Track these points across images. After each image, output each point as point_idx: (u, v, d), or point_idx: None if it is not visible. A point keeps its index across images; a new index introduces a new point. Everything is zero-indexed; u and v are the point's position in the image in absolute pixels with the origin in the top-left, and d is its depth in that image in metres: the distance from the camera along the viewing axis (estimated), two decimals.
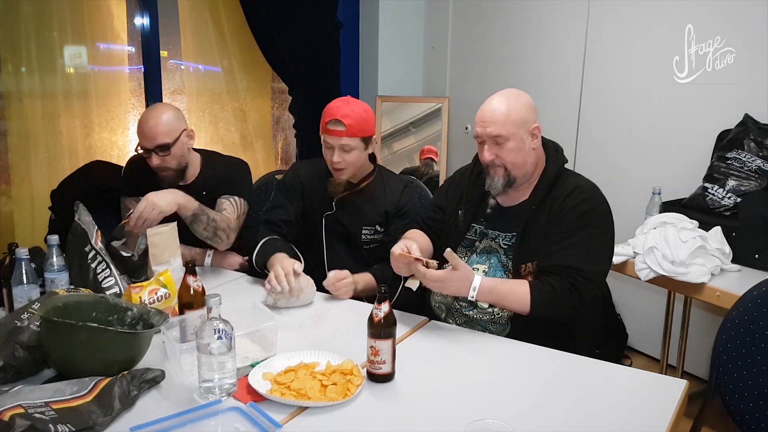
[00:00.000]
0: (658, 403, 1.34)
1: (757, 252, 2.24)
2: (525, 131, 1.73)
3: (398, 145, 4.09)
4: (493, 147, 1.74)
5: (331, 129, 2.01)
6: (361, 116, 2.02)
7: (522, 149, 1.73)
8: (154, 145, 2.10)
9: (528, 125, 1.73)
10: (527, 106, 1.75)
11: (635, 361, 3.14)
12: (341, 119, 1.99)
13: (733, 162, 2.46)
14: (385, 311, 1.38)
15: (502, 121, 1.71)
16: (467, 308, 1.80)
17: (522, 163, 1.75)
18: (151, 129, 2.09)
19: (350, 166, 2.06)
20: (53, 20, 3.10)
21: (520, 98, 1.76)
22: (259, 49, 3.68)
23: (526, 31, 3.56)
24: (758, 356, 1.55)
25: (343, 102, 2.05)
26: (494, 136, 1.72)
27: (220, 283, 2.07)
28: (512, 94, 1.77)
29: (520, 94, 1.78)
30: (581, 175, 1.84)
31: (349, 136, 2.00)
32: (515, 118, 1.71)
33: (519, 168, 1.75)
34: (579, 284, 1.64)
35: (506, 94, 1.77)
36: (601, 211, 1.74)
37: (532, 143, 1.75)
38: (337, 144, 2.01)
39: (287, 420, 1.26)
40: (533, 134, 1.75)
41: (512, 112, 1.72)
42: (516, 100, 1.75)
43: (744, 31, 2.64)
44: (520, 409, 1.32)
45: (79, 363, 1.34)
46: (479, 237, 1.85)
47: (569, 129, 3.36)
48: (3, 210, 3.10)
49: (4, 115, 3.02)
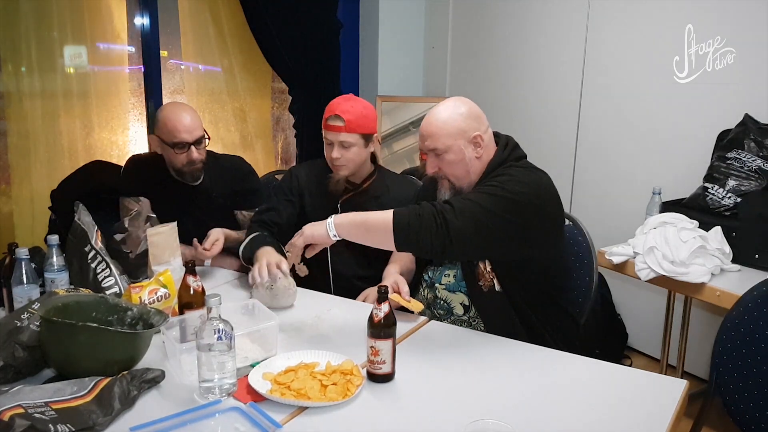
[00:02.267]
0: (658, 403, 1.34)
1: (757, 252, 2.24)
2: (464, 141, 1.68)
3: (398, 145, 4.09)
4: (433, 159, 1.72)
5: (330, 125, 2.02)
6: (360, 112, 2.03)
7: (462, 160, 1.69)
8: (195, 138, 2.15)
9: (468, 134, 1.68)
10: (466, 115, 1.70)
11: (635, 361, 3.14)
12: (340, 114, 2.00)
13: (733, 162, 2.47)
14: (385, 311, 1.38)
15: (438, 134, 1.68)
16: (444, 316, 1.80)
17: (464, 174, 1.72)
18: (190, 122, 2.14)
19: (349, 163, 2.06)
20: (53, 20, 3.10)
21: (457, 108, 1.71)
22: (259, 49, 3.68)
23: (526, 31, 3.56)
24: (758, 356, 1.55)
25: (343, 99, 2.06)
26: (431, 149, 1.70)
27: (220, 283, 2.07)
28: (452, 103, 1.73)
29: (460, 104, 1.72)
30: (532, 166, 1.73)
31: (348, 131, 2.00)
32: (451, 129, 1.68)
33: (462, 179, 1.72)
34: (447, 214, 1.54)
35: (446, 103, 1.73)
36: (513, 182, 1.60)
37: (474, 152, 1.70)
38: (336, 140, 2.02)
39: (287, 420, 1.26)
40: (475, 143, 1.70)
41: (448, 124, 1.68)
42: (452, 110, 1.70)
43: (744, 31, 2.64)
44: (520, 409, 1.32)
45: (79, 363, 1.34)
46: None
47: (569, 129, 3.36)
48: (3, 210, 3.09)
49: (4, 115, 3.02)
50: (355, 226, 1.60)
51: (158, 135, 2.19)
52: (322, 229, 1.60)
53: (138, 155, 2.52)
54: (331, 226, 1.59)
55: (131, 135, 3.48)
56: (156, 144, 2.21)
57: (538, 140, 3.32)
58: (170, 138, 2.14)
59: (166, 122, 2.15)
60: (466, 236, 1.55)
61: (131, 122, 3.47)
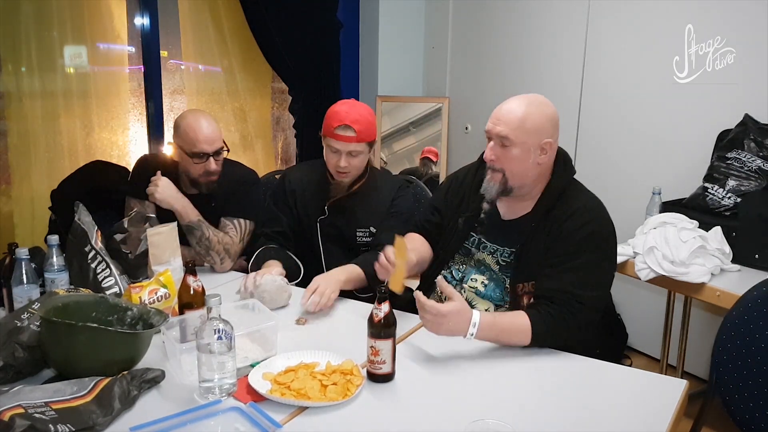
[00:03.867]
0: (658, 403, 1.34)
1: (757, 252, 2.24)
2: (535, 143, 1.62)
3: (398, 145, 4.09)
4: (497, 147, 1.65)
5: (340, 134, 1.99)
6: (368, 120, 2.02)
7: (526, 160, 1.63)
8: (215, 150, 2.13)
9: (540, 137, 1.62)
10: (548, 117, 1.64)
11: (635, 361, 3.14)
12: (351, 125, 1.97)
13: (733, 162, 2.47)
14: (385, 311, 1.38)
15: (515, 125, 1.61)
16: None
17: (521, 175, 1.66)
18: (211, 133, 2.12)
19: (354, 170, 2.07)
20: (53, 20, 3.10)
21: (543, 107, 1.65)
22: (259, 49, 3.68)
23: (526, 31, 3.56)
24: (758, 356, 1.55)
25: (349, 106, 2.03)
26: (502, 136, 1.62)
27: (220, 283, 2.07)
28: (536, 100, 1.66)
29: (545, 104, 1.66)
30: (587, 190, 1.75)
31: (358, 141, 1.99)
32: (529, 125, 1.61)
33: (517, 179, 1.67)
34: (575, 311, 1.57)
35: (530, 98, 1.66)
36: (604, 234, 1.65)
37: (539, 157, 1.64)
38: (345, 150, 2.00)
39: (287, 420, 1.26)
40: (543, 149, 1.63)
41: (528, 119, 1.61)
42: (537, 108, 1.63)
43: (744, 31, 2.64)
44: (520, 409, 1.32)
45: (79, 363, 1.34)
46: (477, 246, 1.79)
47: (569, 129, 3.36)
48: (3, 210, 3.10)
49: (4, 115, 3.02)
50: (494, 336, 1.56)
51: (177, 143, 2.16)
52: (464, 325, 1.50)
53: (147, 156, 2.51)
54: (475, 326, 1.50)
55: (131, 135, 3.49)
56: (176, 152, 2.19)
57: None
58: (190, 147, 2.11)
59: (188, 131, 2.11)
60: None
61: (131, 122, 3.48)
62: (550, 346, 1.58)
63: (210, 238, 2.12)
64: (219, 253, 2.14)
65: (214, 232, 2.14)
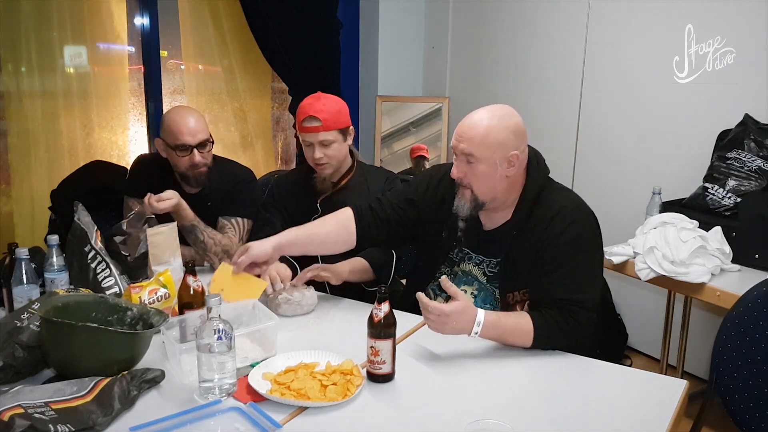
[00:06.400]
0: (658, 403, 1.34)
1: (757, 252, 2.24)
2: (501, 156, 1.58)
3: (398, 145, 4.09)
4: (463, 164, 1.62)
5: (307, 126, 2.03)
6: (334, 108, 2.05)
7: (493, 175, 1.60)
8: (198, 141, 2.13)
9: (506, 150, 1.58)
10: (511, 130, 1.59)
11: (635, 361, 3.14)
12: (315, 115, 2.02)
13: (734, 162, 2.46)
14: (385, 311, 1.38)
15: (478, 140, 1.58)
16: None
17: (490, 189, 1.63)
18: (194, 125, 2.13)
19: (332, 160, 2.07)
20: (53, 20, 3.10)
21: (505, 120, 1.60)
22: (259, 49, 3.68)
23: (526, 31, 3.56)
24: (758, 356, 1.55)
25: (314, 98, 2.08)
26: (466, 153, 1.59)
27: None
28: (499, 112, 1.61)
29: (509, 115, 1.62)
30: (564, 188, 1.73)
31: (326, 130, 2.02)
32: (492, 140, 1.57)
33: (487, 194, 1.64)
34: (578, 315, 1.56)
35: (493, 110, 1.62)
36: (588, 233, 1.64)
37: (506, 170, 1.60)
38: (316, 140, 2.03)
39: (287, 420, 1.26)
40: (510, 161, 1.60)
41: (490, 133, 1.57)
42: (500, 121, 1.59)
43: (744, 31, 2.63)
44: (520, 409, 1.32)
45: (79, 363, 1.34)
46: (462, 258, 1.78)
47: (569, 129, 3.36)
48: (3, 210, 3.10)
49: (4, 115, 3.02)
50: (497, 333, 1.55)
51: (163, 138, 2.18)
52: (468, 324, 1.50)
53: (144, 155, 2.51)
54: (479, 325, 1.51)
55: (131, 135, 3.49)
56: (161, 147, 2.20)
57: (538, 140, 3.30)
58: (173, 140, 2.13)
59: (170, 125, 2.14)
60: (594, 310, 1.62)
61: (131, 122, 3.48)
62: (551, 349, 1.58)
63: (205, 242, 2.13)
64: (217, 254, 2.14)
65: (210, 235, 2.14)
